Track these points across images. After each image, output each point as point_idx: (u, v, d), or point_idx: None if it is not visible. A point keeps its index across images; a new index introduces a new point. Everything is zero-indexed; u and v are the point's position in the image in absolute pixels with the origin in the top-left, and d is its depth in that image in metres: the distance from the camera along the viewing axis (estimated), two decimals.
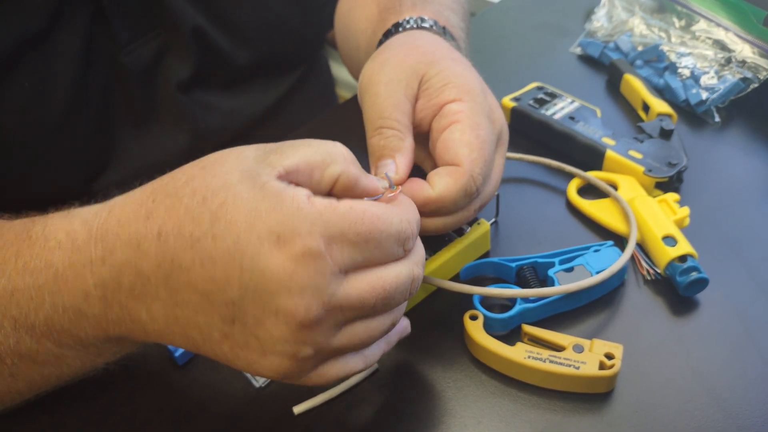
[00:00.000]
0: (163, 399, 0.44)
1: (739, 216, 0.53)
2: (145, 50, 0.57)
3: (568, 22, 0.78)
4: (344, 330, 0.34)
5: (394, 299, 0.34)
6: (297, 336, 0.32)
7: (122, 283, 0.33)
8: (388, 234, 0.33)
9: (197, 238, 0.31)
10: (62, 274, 0.34)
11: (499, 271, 0.49)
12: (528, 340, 0.45)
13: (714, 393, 0.42)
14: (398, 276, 0.34)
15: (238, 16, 0.62)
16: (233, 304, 0.31)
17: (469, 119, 0.42)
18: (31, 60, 0.51)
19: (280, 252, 0.30)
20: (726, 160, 0.59)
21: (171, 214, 0.32)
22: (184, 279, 0.32)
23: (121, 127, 0.59)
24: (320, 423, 0.42)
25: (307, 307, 0.31)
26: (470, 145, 0.41)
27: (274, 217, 0.31)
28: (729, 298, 0.47)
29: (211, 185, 0.32)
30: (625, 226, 0.51)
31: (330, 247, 0.31)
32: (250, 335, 0.32)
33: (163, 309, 0.33)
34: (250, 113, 0.67)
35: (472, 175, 0.41)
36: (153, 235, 0.32)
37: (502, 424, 0.41)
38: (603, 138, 0.57)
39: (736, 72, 0.64)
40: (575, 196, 0.54)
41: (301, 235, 0.31)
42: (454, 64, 0.45)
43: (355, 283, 0.33)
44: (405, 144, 0.42)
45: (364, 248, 0.32)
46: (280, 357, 0.33)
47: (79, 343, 0.36)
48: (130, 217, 0.33)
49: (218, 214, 0.31)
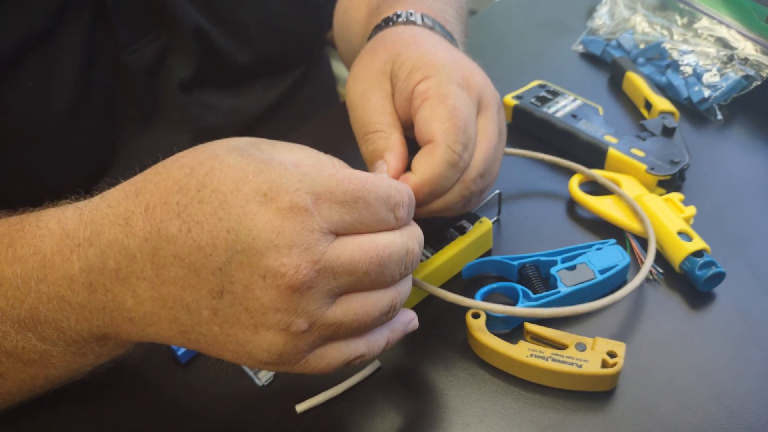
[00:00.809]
0: (166, 397, 0.44)
1: (742, 214, 0.53)
2: (146, 50, 0.57)
3: (570, 20, 0.78)
4: (339, 302, 0.32)
5: (388, 268, 0.33)
6: (288, 302, 0.31)
7: (107, 264, 0.33)
8: (376, 195, 0.32)
9: (184, 206, 0.31)
10: (49, 260, 0.34)
11: (501, 270, 0.49)
12: (530, 339, 0.44)
13: (717, 391, 0.42)
14: (391, 243, 0.33)
15: (238, 16, 0.62)
16: (220, 272, 0.30)
17: (436, 93, 0.42)
18: (33, 60, 0.51)
19: (266, 208, 0.30)
20: (728, 157, 0.59)
21: (159, 187, 0.32)
22: (170, 250, 0.31)
23: (124, 126, 0.59)
24: (323, 421, 0.42)
25: (296, 267, 0.30)
26: (440, 117, 0.41)
27: (261, 178, 0.31)
28: (732, 296, 0.47)
29: (198, 157, 0.32)
30: (632, 222, 0.51)
31: (318, 204, 0.31)
32: (240, 307, 0.31)
33: (150, 290, 0.32)
34: (251, 112, 0.67)
35: (448, 145, 0.40)
36: (141, 210, 0.32)
37: (505, 422, 0.41)
38: (605, 136, 0.57)
39: (739, 70, 0.64)
40: (577, 192, 0.54)
41: (288, 192, 0.30)
42: (417, 47, 0.45)
43: (347, 244, 0.32)
44: (391, 141, 0.42)
45: (353, 208, 0.32)
46: (273, 331, 0.31)
47: (62, 337, 0.35)
48: (119, 198, 0.33)
49: (204, 181, 0.31)
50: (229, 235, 0.30)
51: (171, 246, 0.31)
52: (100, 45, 0.54)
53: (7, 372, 0.37)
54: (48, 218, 0.35)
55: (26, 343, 0.35)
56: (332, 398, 0.43)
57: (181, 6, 0.58)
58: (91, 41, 0.53)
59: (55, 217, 0.35)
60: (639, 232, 0.50)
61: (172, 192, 0.32)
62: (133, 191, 0.33)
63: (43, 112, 0.52)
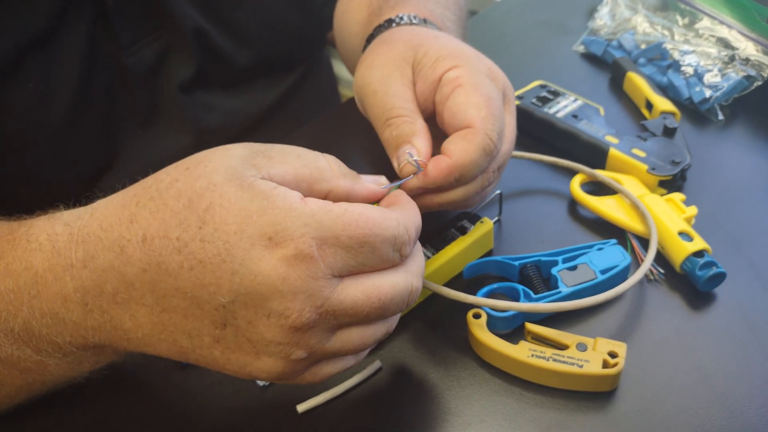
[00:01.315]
0: (167, 399, 0.44)
1: (743, 214, 0.53)
2: (147, 51, 0.57)
3: (570, 20, 0.78)
4: (338, 335, 0.33)
5: (389, 309, 0.33)
6: (290, 338, 0.31)
7: (104, 288, 0.32)
8: (383, 238, 0.32)
9: (185, 242, 0.30)
10: (42, 277, 0.34)
11: (502, 270, 0.49)
12: (531, 339, 0.44)
13: (718, 391, 0.42)
14: (395, 286, 0.33)
15: (238, 17, 0.62)
16: (224, 308, 0.31)
17: (469, 81, 0.42)
18: (34, 62, 0.51)
19: (271, 254, 0.30)
20: (729, 158, 0.59)
21: (156, 217, 0.31)
22: (171, 284, 0.31)
23: (125, 127, 0.59)
24: (324, 421, 0.42)
25: (299, 311, 0.30)
26: (477, 105, 0.41)
27: (265, 219, 0.30)
28: (733, 297, 0.47)
29: (195, 187, 0.31)
30: (634, 222, 0.51)
31: (322, 249, 0.31)
32: (243, 338, 0.32)
33: (149, 315, 0.32)
34: (251, 113, 0.67)
35: (486, 133, 0.40)
36: (137, 240, 0.31)
37: (506, 422, 0.41)
38: (606, 136, 0.57)
39: (740, 70, 0.64)
40: (579, 192, 0.54)
41: (293, 238, 0.30)
42: (438, 39, 0.45)
43: (350, 289, 0.32)
44: (417, 126, 0.42)
45: (358, 252, 0.31)
46: (274, 358, 0.32)
47: (57, 350, 0.35)
48: (112, 221, 0.33)
49: (205, 217, 0.30)
50: (234, 278, 0.30)
51: (172, 280, 0.31)
52: (101, 46, 0.54)
53: (3, 379, 0.37)
54: (38, 232, 0.35)
55: (21, 353, 0.35)
56: (333, 398, 0.43)
57: (182, 7, 0.58)
58: (92, 42, 0.53)
59: (45, 232, 0.35)
60: (640, 232, 0.50)
61: (171, 226, 0.31)
62: (127, 217, 0.32)
63: (44, 113, 0.52)
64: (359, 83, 0.46)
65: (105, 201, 0.35)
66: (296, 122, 0.70)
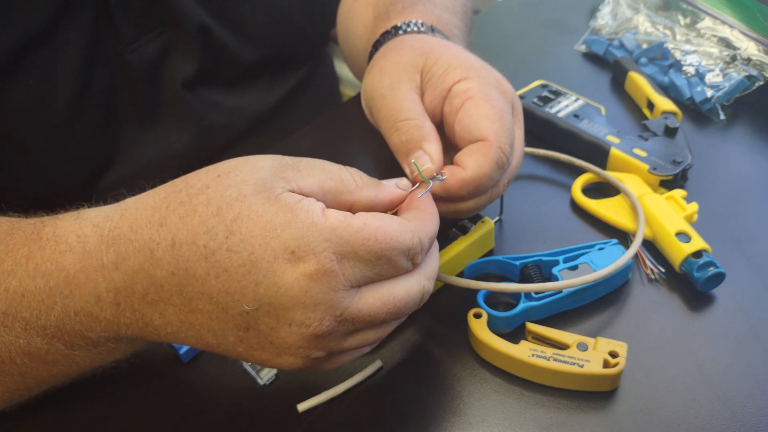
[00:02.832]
0: (168, 396, 0.44)
1: (744, 214, 0.53)
2: (149, 48, 0.57)
3: (572, 20, 0.78)
4: (355, 335, 0.35)
5: (403, 312, 0.36)
6: (310, 343, 0.34)
7: (135, 289, 0.34)
8: (399, 251, 0.34)
9: (212, 251, 0.32)
10: (74, 278, 0.35)
11: (503, 269, 0.49)
12: (532, 339, 0.44)
13: (719, 391, 0.42)
14: (409, 292, 0.35)
15: (242, 14, 0.62)
16: (247, 314, 0.33)
17: (480, 93, 0.42)
18: (35, 58, 0.51)
19: (294, 269, 0.31)
20: (731, 158, 0.59)
21: (185, 222, 0.33)
22: (198, 289, 0.33)
23: (126, 124, 0.59)
24: (324, 420, 0.42)
25: (320, 321, 0.32)
26: (489, 118, 0.41)
27: (289, 233, 0.32)
28: (735, 296, 0.47)
29: (225, 196, 0.33)
30: (634, 223, 0.51)
31: (342, 264, 0.32)
32: (265, 341, 0.34)
33: (177, 314, 0.34)
34: (254, 111, 0.67)
35: (500, 146, 0.41)
36: (167, 244, 0.33)
37: (507, 422, 0.41)
38: (607, 136, 0.57)
39: (742, 70, 0.64)
40: (580, 196, 0.54)
41: (315, 253, 0.31)
42: (448, 49, 0.45)
43: (367, 298, 0.34)
44: (426, 130, 0.42)
45: (375, 264, 0.33)
46: (294, 357, 0.35)
47: (90, 343, 0.36)
48: (142, 224, 0.34)
49: (233, 228, 0.32)
50: (258, 288, 0.32)
51: (199, 285, 0.33)
52: (103, 43, 0.54)
53: (28, 371, 0.38)
54: (66, 233, 0.36)
55: (51, 347, 0.36)
56: (334, 397, 0.43)
57: (185, 3, 0.57)
58: (94, 39, 0.53)
59: (74, 233, 0.36)
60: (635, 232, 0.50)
61: (199, 233, 0.32)
62: (157, 220, 0.33)
63: (45, 110, 0.52)
64: (368, 89, 0.46)
65: (134, 201, 0.36)
66: (298, 121, 0.70)
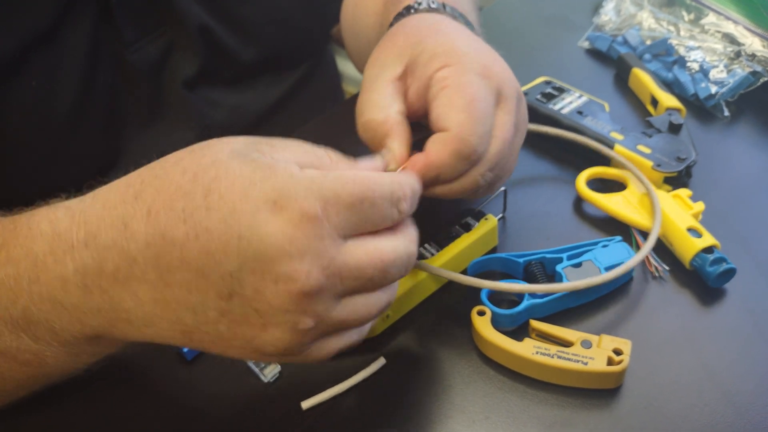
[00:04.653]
0: (172, 394, 0.44)
1: (749, 211, 0.53)
2: (151, 48, 0.57)
3: (575, 16, 0.78)
4: (344, 303, 0.33)
5: (391, 273, 0.34)
6: (298, 305, 0.31)
7: (105, 267, 0.32)
8: (381, 193, 0.33)
9: (190, 212, 0.31)
10: (42, 261, 0.34)
11: (506, 267, 0.49)
12: (536, 336, 0.44)
13: (724, 389, 0.42)
14: (395, 250, 0.34)
15: (243, 13, 0.62)
16: (230, 276, 0.31)
17: (455, 81, 0.41)
18: (38, 59, 0.51)
19: (277, 217, 0.30)
20: (735, 154, 0.59)
21: (161, 192, 0.32)
22: (176, 255, 0.31)
23: (129, 124, 0.59)
24: (328, 418, 0.42)
25: (307, 273, 0.31)
26: (456, 108, 0.40)
27: (269, 184, 0.31)
28: (739, 294, 0.47)
29: (201, 163, 0.32)
30: (641, 218, 0.50)
31: (326, 210, 0.31)
32: (250, 309, 0.32)
33: (152, 292, 0.32)
34: (256, 109, 0.67)
35: (462, 138, 0.39)
36: (142, 214, 0.32)
37: (510, 419, 0.41)
38: (611, 133, 0.57)
39: (746, 66, 0.63)
40: (585, 189, 0.53)
41: (298, 200, 0.31)
42: (438, 35, 0.44)
43: (354, 250, 0.33)
44: (389, 126, 0.41)
45: (360, 209, 0.32)
46: (281, 329, 0.32)
47: (55, 338, 0.35)
48: (116, 201, 0.33)
49: (211, 187, 0.31)
50: (241, 242, 0.30)
51: (177, 251, 0.31)
52: (105, 43, 0.54)
53: (4, 372, 0.37)
54: (39, 219, 0.35)
55: (20, 343, 0.36)
56: (338, 395, 0.43)
57: (186, 4, 0.58)
58: (96, 40, 0.53)
59: (47, 218, 0.35)
60: (647, 228, 0.50)
61: (176, 197, 0.32)
62: (132, 194, 0.33)
63: (48, 111, 0.52)
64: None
65: (107, 185, 0.35)
66: (300, 119, 0.70)
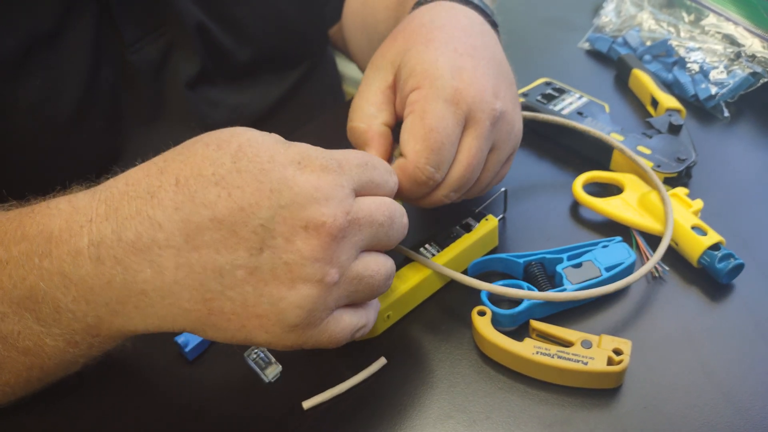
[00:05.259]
0: (173, 394, 0.44)
1: (749, 211, 0.53)
2: (151, 48, 0.57)
3: (576, 17, 0.78)
4: (360, 258, 0.36)
5: (395, 222, 0.38)
6: (325, 250, 0.34)
7: (124, 236, 0.33)
8: (379, 161, 0.39)
9: (221, 176, 0.34)
10: (56, 236, 0.34)
11: (507, 267, 0.49)
12: (536, 336, 0.45)
13: (724, 389, 0.42)
14: (394, 203, 0.38)
15: (238, 13, 0.62)
16: (262, 228, 0.33)
17: (420, 108, 0.42)
18: (40, 59, 0.51)
19: (303, 171, 0.34)
20: (735, 155, 0.59)
21: (187, 163, 0.34)
22: (207, 215, 0.33)
23: (130, 124, 0.59)
24: (329, 418, 0.42)
25: (334, 216, 0.34)
26: (415, 136, 0.42)
27: (291, 150, 0.35)
28: (739, 294, 0.47)
29: (221, 137, 0.35)
30: (644, 219, 0.50)
31: (341, 166, 0.36)
32: (279, 261, 0.34)
33: (176, 257, 0.33)
34: (256, 108, 0.67)
35: (417, 167, 0.42)
36: (170, 183, 0.34)
37: (510, 419, 0.41)
38: (611, 133, 0.57)
39: (746, 67, 0.64)
40: (581, 194, 0.53)
41: (318, 158, 0.35)
42: (426, 47, 0.44)
43: (365, 200, 0.37)
44: (370, 136, 0.45)
45: (366, 168, 0.37)
46: (309, 284, 0.34)
47: (57, 321, 0.35)
48: (139, 177, 0.35)
49: (238, 154, 0.34)
50: (273, 194, 0.33)
51: (208, 211, 0.33)
52: (106, 43, 0.55)
53: (3, 361, 0.37)
54: (57, 200, 0.37)
55: (22, 326, 0.36)
56: (339, 395, 0.43)
57: (183, 3, 0.58)
58: (97, 40, 0.54)
59: (65, 199, 0.36)
60: (648, 230, 0.50)
61: (204, 166, 0.34)
62: (157, 170, 0.35)
63: (51, 110, 0.53)
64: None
65: (129, 170, 0.37)
66: (301, 119, 0.70)
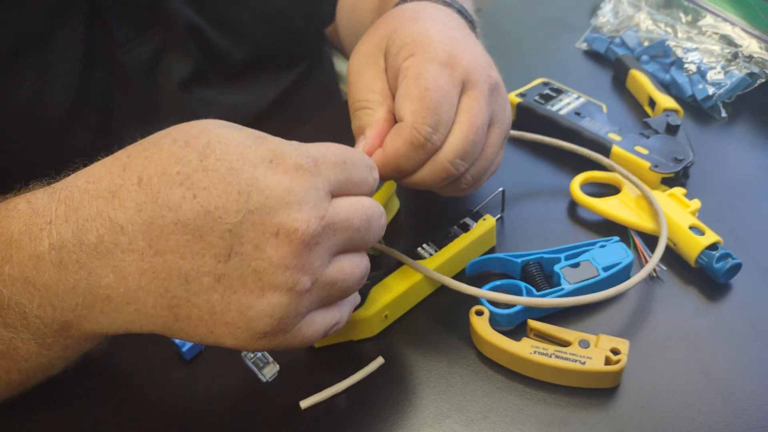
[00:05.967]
0: (171, 394, 0.44)
1: (746, 212, 0.53)
2: (143, 49, 0.57)
3: (573, 18, 0.78)
4: (333, 262, 0.35)
5: (372, 226, 0.36)
6: (298, 258, 0.32)
7: (85, 239, 0.32)
8: (358, 158, 0.36)
9: (187, 175, 0.31)
10: (16, 240, 0.33)
11: (504, 267, 0.49)
12: (534, 336, 0.45)
13: (721, 389, 0.42)
14: (373, 205, 0.36)
15: (232, 12, 0.61)
16: (230, 233, 0.31)
17: (414, 71, 0.42)
18: (32, 60, 0.51)
19: (275, 171, 0.32)
20: (732, 155, 0.59)
21: (152, 160, 0.32)
22: (171, 218, 0.31)
23: (124, 126, 0.58)
24: (327, 417, 0.42)
25: (307, 221, 0.32)
26: (410, 97, 0.41)
27: (263, 147, 0.33)
28: (737, 294, 0.47)
29: (190, 132, 0.33)
30: (640, 219, 0.50)
31: (317, 166, 0.33)
32: (248, 269, 0.32)
33: (139, 262, 0.31)
34: (252, 109, 0.67)
35: (415, 127, 0.40)
36: (132, 183, 0.32)
37: (508, 418, 0.41)
38: (609, 134, 0.57)
39: (743, 67, 0.64)
40: (579, 194, 0.54)
41: (292, 156, 0.33)
42: (413, 24, 0.44)
43: (342, 203, 0.35)
44: (375, 117, 0.43)
45: (343, 168, 0.35)
46: (279, 292, 0.32)
47: (25, 324, 0.34)
48: (101, 174, 0.33)
49: (206, 152, 0.32)
50: (241, 197, 0.31)
51: (172, 214, 0.31)
52: (97, 44, 0.54)
53: None
54: (18, 200, 0.35)
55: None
56: (336, 394, 0.43)
57: (176, 4, 0.57)
58: (89, 41, 0.53)
59: (25, 198, 0.35)
60: (645, 230, 0.50)
61: (169, 164, 0.32)
62: (119, 166, 0.33)
63: (43, 111, 0.52)
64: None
65: (91, 165, 0.35)
66: (297, 120, 0.70)
